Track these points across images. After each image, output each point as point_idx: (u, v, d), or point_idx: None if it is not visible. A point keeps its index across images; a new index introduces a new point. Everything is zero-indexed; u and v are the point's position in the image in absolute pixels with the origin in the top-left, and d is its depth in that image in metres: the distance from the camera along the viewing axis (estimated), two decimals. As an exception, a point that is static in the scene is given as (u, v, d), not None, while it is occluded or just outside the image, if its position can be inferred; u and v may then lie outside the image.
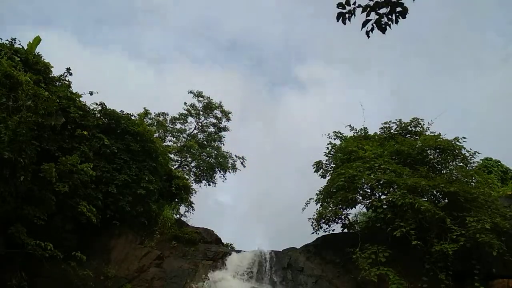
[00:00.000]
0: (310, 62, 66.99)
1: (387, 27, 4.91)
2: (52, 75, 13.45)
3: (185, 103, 25.34)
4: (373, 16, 4.91)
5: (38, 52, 13.39)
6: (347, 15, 4.90)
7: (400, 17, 4.86)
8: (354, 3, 4.89)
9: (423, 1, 4.95)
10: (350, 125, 16.68)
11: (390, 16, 4.88)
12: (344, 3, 4.90)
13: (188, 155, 23.73)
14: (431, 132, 15.37)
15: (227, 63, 72.07)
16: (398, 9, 4.86)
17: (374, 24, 4.95)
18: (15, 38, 12.84)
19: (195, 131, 25.45)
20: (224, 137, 25.47)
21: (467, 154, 14.19)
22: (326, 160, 15.90)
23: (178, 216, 18.44)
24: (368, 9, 4.87)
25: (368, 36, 4.97)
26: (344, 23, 4.93)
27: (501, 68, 55.68)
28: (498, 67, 56.34)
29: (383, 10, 4.87)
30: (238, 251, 15.51)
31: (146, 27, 64.01)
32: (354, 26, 4.98)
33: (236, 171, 24.82)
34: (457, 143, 13.94)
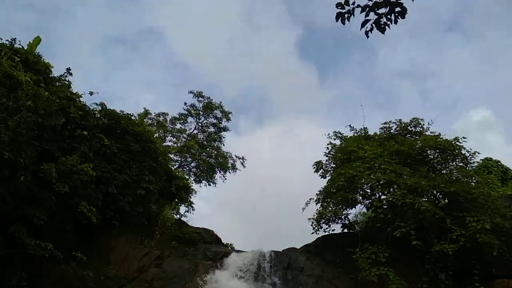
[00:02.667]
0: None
1: (386, 27, 4.93)
2: (52, 75, 13.45)
3: (185, 103, 25.41)
4: (372, 16, 4.92)
5: (38, 52, 13.41)
6: (346, 15, 4.91)
7: (399, 17, 4.87)
8: (353, 3, 4.90)
9: (422, 1, 4.95)
10: (350, 125, 16.70)
11: (389, 16, 4.89)
12: (343, 3, 4.91)
13: (188, 155, 23.73)
14: (431, 132, 15.37)
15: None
16: (397, 9, 4.87)
17: (373, 24, 4.96)
18: (15, 38, 12.85)
19: (195, 131, 25.48)
20: (224, 137, 25.51)
21: (467, 154, 14.18)
22: (326, 160, 15.89)
23: (178, 216, 18.49)
24: (367, 9, 4.88)
25: (367, 36, 4.99)
26: (343, 23, 4.94)
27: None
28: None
29: (382, 10, 4.88)
30: (238, 251, 15.51)
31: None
32: (353, 26, 4.99)
33: (236, 171, 24.85)
34: (457, 143, 13.92)
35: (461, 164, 14.35)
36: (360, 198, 13.84)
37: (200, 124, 25.51)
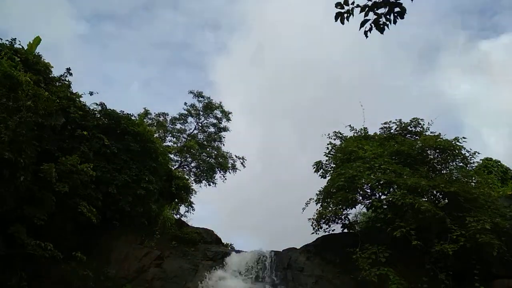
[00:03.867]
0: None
1: (385, 27, 4.93)
2: (52, 75, 13.47)
3: (185, 103, 25.41)
4: (371, 16, 4.93)
5: (38, 52, 13.41)
6: (345, 15, 4.92)
7: (398, 17, 4.88)
8: (353, 3, 4.90)
9: (422, 2, 4.96)
10: (350, 125, 16.68)
11: (388, 16, 4.90)
12: (342, 3, 4.91)
13: (188, 155, 23.74)
14: (431, 132, 15.36)
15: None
16: (396, 9, 4.88)
17: (372, 24, 4.97)
18: (15, 38, 12.87)
19: (195, 131, 25.47)
20: (224, 137, 25.50)
21: (467, 154, 14.16)
22: (326, 160, 15.87)
23: (178, 216, 18.49)
24: (367, 9, 4.89)
25: (367, 36, 4.99)
26: (343, 23, 4.95)
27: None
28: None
29: (381, 10, 4.89)
30: (238, 251, 15.52)
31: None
32: (352, 26, 5.00)
33: (236, 171, 24.84)
34: (457, 143, 13.91)
35: (461, 164, 14.33)
36: (360, 198, 13.84)
37: (200, 124, 25.52)
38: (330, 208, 14.03)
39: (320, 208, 14.36)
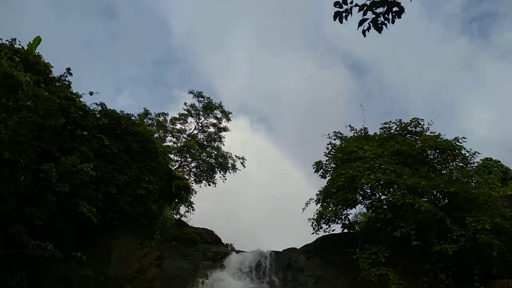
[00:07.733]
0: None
1: (384, 26, 4.93)
2: (52, 75, 13.48)
3: (185, 103, 25.39)
4: (369, 15, 4.93)
5: (38, 53, 13.41)
6: (343, 14, 4.92)
7: (396, 16, 4.89)
8: (351, 2, 4.91)
9: (421, 2, 4.96)
10: (350, 125, 16.69)
11: (386, 16, 4.90)
12: (341, 2, 4.92)
13: (188, 155, 23.73)
14: (431, 132, 15.36)
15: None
16: (395, 8, 4.88)
17: (370, 23, 4.97)
18: (15, 39, 12.86)
19: (195, 131, 25.45)
20: (224, 137, 25.48)
21: (467, 154, 14.16)
22: (326, 160, 15.88)
23: (178, 216, 18.49)
24: (365, 8, 4.89)
25: (365, 35, 5.00)
26: (341, 22, 4.95)
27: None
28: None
29: (379, 10, 4.89)
30: (238, 251, 15.51)
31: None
32: (351, 25, 5.00)
33: (236, 171, 24.81)
34: (457, 143, 13.91)
35: (461, 164, 14.33)
36: (360, 198, 13.84)
37: (200, 124, 25.49)
38: (330, 208, 14.03)
39: (320, 208, 14.36)
